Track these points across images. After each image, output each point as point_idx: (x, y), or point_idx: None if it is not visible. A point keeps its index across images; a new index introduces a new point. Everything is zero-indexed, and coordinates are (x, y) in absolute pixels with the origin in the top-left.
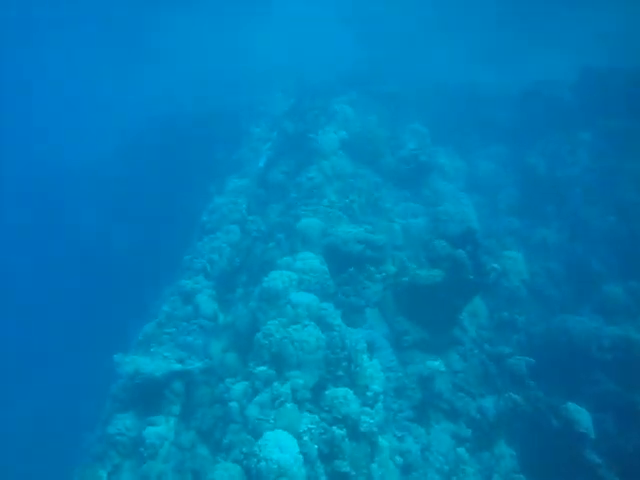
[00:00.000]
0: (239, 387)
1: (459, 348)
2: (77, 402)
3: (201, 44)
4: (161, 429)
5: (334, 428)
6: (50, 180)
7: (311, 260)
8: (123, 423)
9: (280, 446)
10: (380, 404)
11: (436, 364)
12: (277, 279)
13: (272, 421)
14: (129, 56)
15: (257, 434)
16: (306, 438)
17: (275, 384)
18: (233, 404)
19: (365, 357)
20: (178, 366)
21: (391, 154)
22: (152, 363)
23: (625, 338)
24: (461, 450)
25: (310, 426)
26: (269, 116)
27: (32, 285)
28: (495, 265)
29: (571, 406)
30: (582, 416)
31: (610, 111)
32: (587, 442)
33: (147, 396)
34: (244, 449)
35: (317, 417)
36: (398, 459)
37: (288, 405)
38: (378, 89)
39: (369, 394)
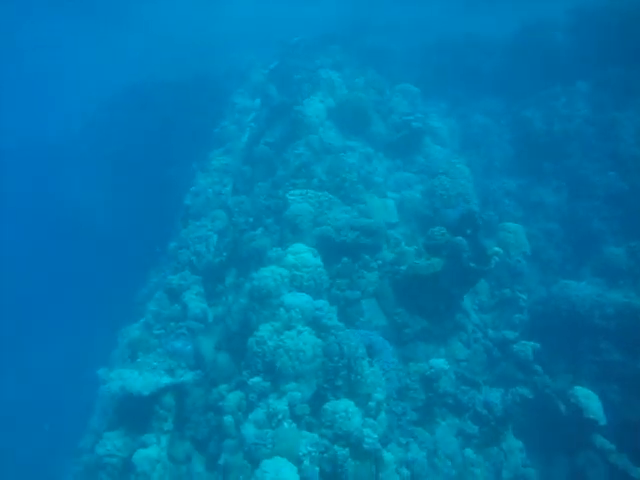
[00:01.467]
0: (233, 398)
1: (462, 335)
2: (60, 394)
3: (177, 7)
4: (152, 451)
5: (336, 447)
6: (19, 153)
7: (303, 254)
8: (112, 443)
9: (280, 478)
10: (383, 414)
11: (440, 362)
12: (268, 277)
13: (270, 445)
14: (101, 21)
15: (254, 460)
16: (307, 462)
17: (271, 398)
18: (227, 418)
19: (365, 364)
20: (167, 379)
21: (381, 119)
22: (140, 377)
23: (629, 305)
24: (468, 451)
25: (310, 448)
26: (251, 81)
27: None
28: (497, 248)
29: (579, 391)
30: (591, 402)
31: (607, 57)
32: (597, 428)
33: (136, 413)
34: (241, 477)
35: (317, 435)
36: (404, 472)
37: (286, 424)
38: (362, 43)
39: (371, 404)
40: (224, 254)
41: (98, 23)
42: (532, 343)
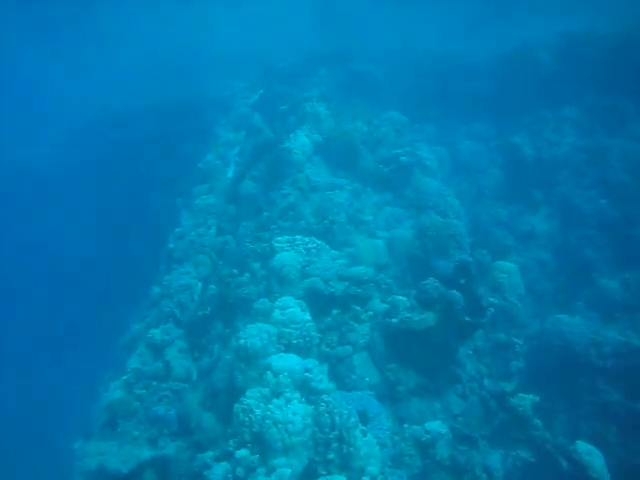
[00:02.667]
0: (219, 471)
1: (457, 387)
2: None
3: (158, 29)
4: None
5: None
6: None
7: (291, 309)
8: None
9: None
10: None
11: (436, 425)
12: (255, 336)
13: None
14: (78, 41)
15: None
16: None
17: (260, 475)
18: None
19: (358, 434)
20: (149, 453)
21: (370, 151)
22: (119, 451)
23: (626, 344)
24: None
25: None
26: (235, 112)
27: None
28: (492, 299)
29: (581, 447)
30: (594, 458)
31: (596, 82)
32: None
33: None
34: None
35: None
36: None
37: None
38: (349, 67)
39: (365, 479)
40: (208, 308)
41: (74, 43)
42: (531, 396)
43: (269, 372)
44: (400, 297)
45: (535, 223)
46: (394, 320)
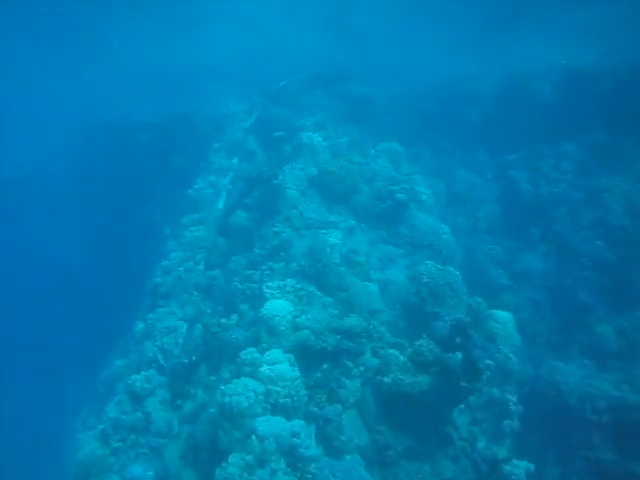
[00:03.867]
0: None
1: (448, 449)
2: None
3: (153, 44)
4: None
5: None
6: None
7: (279, 365)
8: None
9: None
10: None
11: None
12: (241, 394)
13: None
14: (72, 52)
15: None
16: None
17: None
18: None
19: None
20: None
21: (366, 184)
22: None
23: (621, 399)
24: None
25: None
26: (229, 136)
27: None
28: (488, 361)
29: None
30: None
31: (597, 119)
32: None
33: None
34: None
35: None
36: None
37: None
38: (346, 90)
39: None
40: (193, 357)
41: (69, 54)
42: (525, 463)
43: (254, 437)
44: (393, 351)
45: (531, 261)
46: (386, 379)
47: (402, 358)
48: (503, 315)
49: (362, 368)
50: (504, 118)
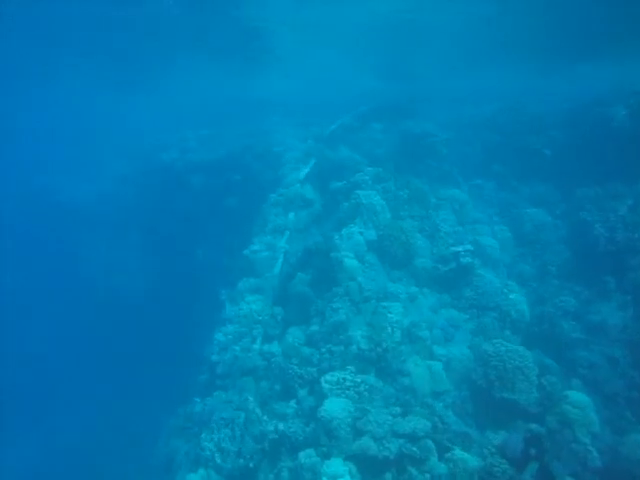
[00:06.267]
0: None
1: None
2: None
3: (212, 88)
4: None
5: None
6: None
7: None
8: None
9: None
10: None
11: None
12: None
13: None
14: (133, 86)
15: None
16: None
17: None
18: None
19: None
20: None
21: (427, 241)
22: None
23: None
24: None
25: None
26: (286, 188)
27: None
28: (569, 478)
29: None
30: None
31: None
32: None
33: None
34: None
35: None
36: None
37: None
38: (405, 129)
39: None
40: (251, 464)
41: (129, 88)
42: None
43: None
44: (460, 454)
45: (606, 313)
46: None
47: (472, 463)
48: (580, 398)
49: (428, 476)
50: (573, 148)
